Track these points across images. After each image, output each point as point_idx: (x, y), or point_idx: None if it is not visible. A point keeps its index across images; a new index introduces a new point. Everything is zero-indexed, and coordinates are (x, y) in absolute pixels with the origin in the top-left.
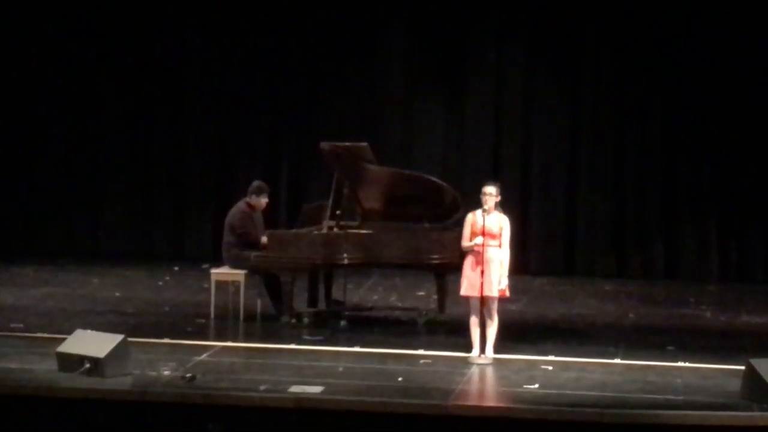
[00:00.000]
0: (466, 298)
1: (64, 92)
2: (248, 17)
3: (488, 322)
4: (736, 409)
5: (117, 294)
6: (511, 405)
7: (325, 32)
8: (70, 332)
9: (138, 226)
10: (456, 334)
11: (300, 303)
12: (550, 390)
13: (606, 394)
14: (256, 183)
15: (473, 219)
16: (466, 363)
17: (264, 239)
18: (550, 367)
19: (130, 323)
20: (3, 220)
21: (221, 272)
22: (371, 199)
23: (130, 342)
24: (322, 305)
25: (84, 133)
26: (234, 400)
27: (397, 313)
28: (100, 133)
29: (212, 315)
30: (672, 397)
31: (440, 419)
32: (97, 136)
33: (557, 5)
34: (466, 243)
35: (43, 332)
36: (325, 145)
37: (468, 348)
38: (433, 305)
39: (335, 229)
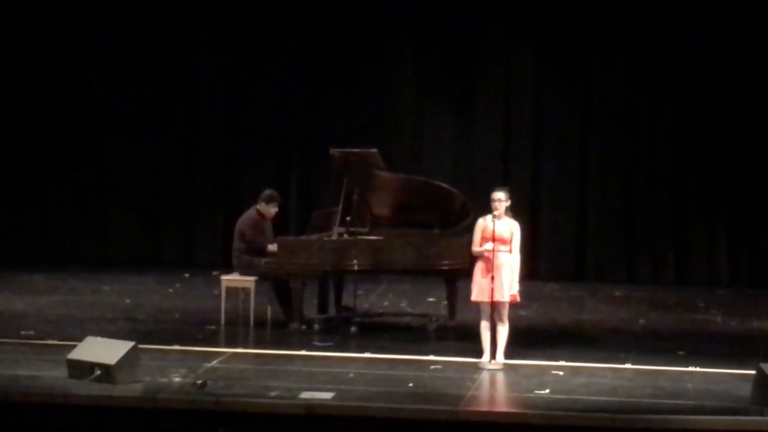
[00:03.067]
0: (477, 304)
1: (73, 99)
2: (258, 24)
3: (499, 327)
4: (747, 414)
5: (127, 301)
6: (522, 410)
7: (334, 39)
8: (80, 339)
9: (148, 233)
10: (466, 340)
11: (310, 309)
12: (560, 395)
13: (617, 399)
14: (267, 192)
15: (483, 224)
16: (477, 368)
17: (272, 247)
18: (561, 373)
19: (141, 330)
20: (13, 228)
21: (231, 279)
22: (381, 205)
23: (141, 349)
24: (332, 311)
25: (94, 141)
26: (245, 406)
27: (407, 319)
28: (110, 141)
29: (222, 321)
30: (683, 401)
31: (451, 425)
32: (107, 143)
33: (566, 11)
34: (476, 248)
35: (54, 339)
36: (335, 151)
37: (478, 353)
38: (444, 311)
39: (345, 236)
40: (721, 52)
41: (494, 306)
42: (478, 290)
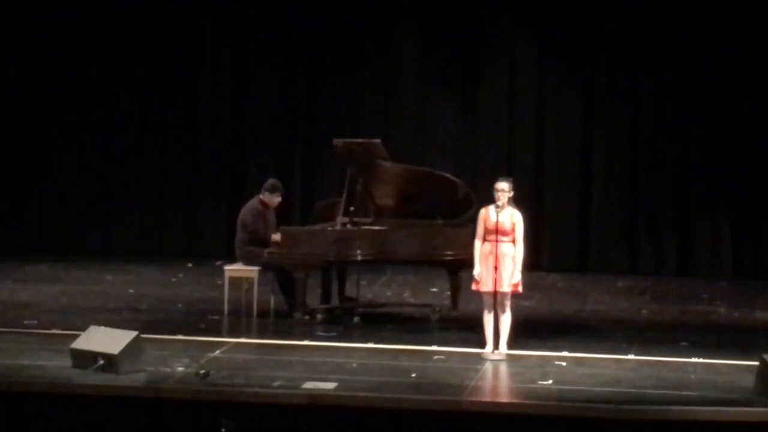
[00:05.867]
0: (479, 294)
1: (76, 90)
2: (261, 16)
3: (501, 317)
4: (750, 405)
5: (130, 291)
6: (525, 401)
7: (338, 28)
8: (83, 329)
9: (151, 222)
10: (469, 331)
11: (313, 299)
12: (563, 386)
13: (619, 390)
14: (271, 180)
15: (486, 215)
16: (480, 359)
17: (275, 237)
18: (564, 363)
19: (144, 320)
20: (16, 218)
21: (234, 269)
22: (384, 196)
23: (144, 339)
24: (335, 302)
25: (97, 130)
26: (247, 396)
27: (410, 309)
28: (113, 130)
29: (225, 311)
30: (685, 392)
31: (454, 415)
32: (110, 132)
33: (571, 2)
34: (476, 254)
35: (57, 329)
36: (338, 141)
37: (481, 344)
38: (447, 302)
39: (348, 226)
40: (725, 42)
41: (496, 296)
42: (481, 280)
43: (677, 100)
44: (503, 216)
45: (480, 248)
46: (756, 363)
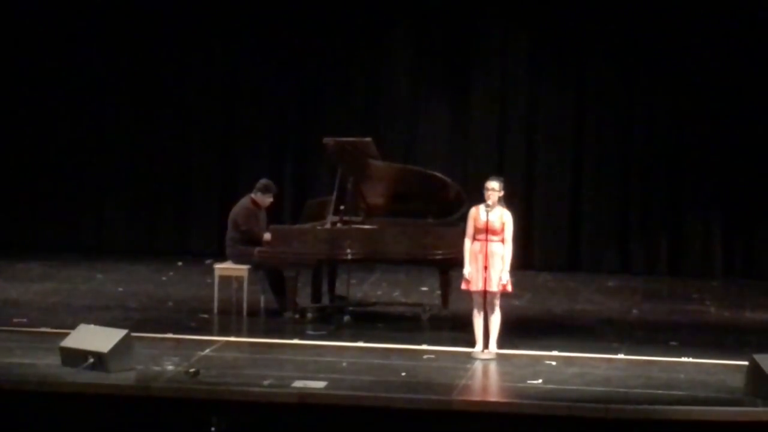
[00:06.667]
0: (469, 293)
1: (68, 87)
2: (253, 14)
3: (491, 316)
4: (740, 405)
5: (121, 289)
6: (515, 400)
7: (329, 28)
8: (73, 327)
9: (142, 221)
10: (459, 330)
11: (303, 298)
12: (553, 385)
13: (610, 389)
14: (264, 181)
15: (476, 214)
16: (470, 358)
17: (266, 236)
18: (554, 363)
19: (134, 318)
20: (7, 216)
21: (225, 267)
22: (375, 195)
23: (134, 337)
24: (325, 300)
25: (88, 128)
26: (238, 395)
27: (400, 308)
28: (105, 128)
29: (215, 310)
30: (676, 392)
31: (444, 414)
32: (101, 130)
33: (563, 3)
34: (466, 261)
35: (47, 327)
36: (329, 140)
37: (471, 343)
38: (437, 301)
39: (339, 225)
40: (718, 43)
41: (486, 295)
42: (470, 279)
43: (669, 100)
44: (493, 215)
45: (470, 247)
46: (746, 363)
